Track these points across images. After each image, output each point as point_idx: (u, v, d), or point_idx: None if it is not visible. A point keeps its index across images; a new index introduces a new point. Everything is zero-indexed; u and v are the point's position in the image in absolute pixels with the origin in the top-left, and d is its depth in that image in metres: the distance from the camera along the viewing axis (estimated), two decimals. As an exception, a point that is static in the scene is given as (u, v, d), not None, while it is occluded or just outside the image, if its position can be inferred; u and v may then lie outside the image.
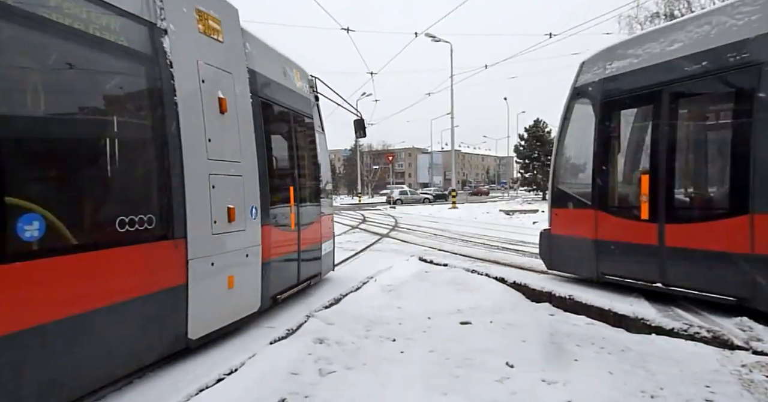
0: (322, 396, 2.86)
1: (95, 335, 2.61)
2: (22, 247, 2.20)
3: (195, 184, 3.40)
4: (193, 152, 3.41)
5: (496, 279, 6.03)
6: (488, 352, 3.62)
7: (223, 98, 3.78)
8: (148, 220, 3.00)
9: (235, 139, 3.97)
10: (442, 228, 14.03)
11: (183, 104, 3.35)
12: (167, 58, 3.26)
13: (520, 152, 33.05)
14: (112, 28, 2.86)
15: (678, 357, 3.42)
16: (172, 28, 3.32)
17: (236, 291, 3.89)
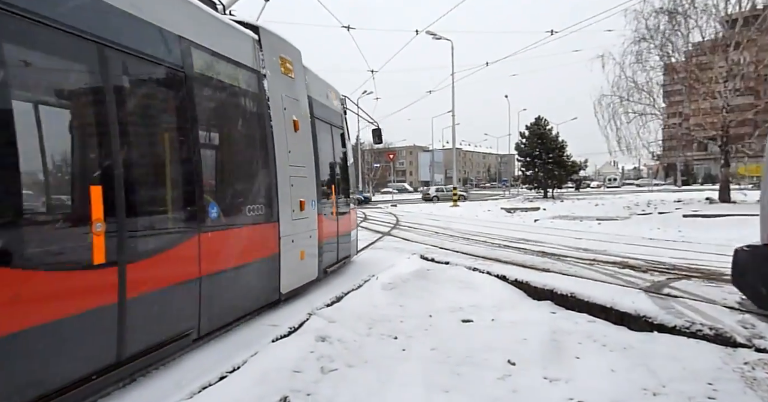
0: (324, 393, 2.87)
1: (243, 281, 4.16)
2: (212, 222, 3.74)
3: (283, 184, 4.79)
4: (282, 160, 4.79)
5: (498, 277, 6.02)
6: (490, 350, 3.62)
7: (296, 120, 5.19)
8: (262, 209, 4.50)
9: (303, 149, 5.37)
10: (444, 226, 14.02)
11: (276, 126, 4.73)
12: (266, 94, 4.68)
13: (521, 150, 32.90)
14: (240, 77, 4.36)
15: (680, 355, 3.42)
16: (268, 73, 4.74)
17: (305, 262, 5.34)
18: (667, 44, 16.81)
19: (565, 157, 31.42)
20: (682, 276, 5.82)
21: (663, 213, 14.51)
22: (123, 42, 2.89)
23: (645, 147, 18.73)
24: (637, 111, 17.89)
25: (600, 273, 6.11)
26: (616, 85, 17.84)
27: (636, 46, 17.11)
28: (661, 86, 18.37)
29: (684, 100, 18.64)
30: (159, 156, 3.42)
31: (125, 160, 2.86)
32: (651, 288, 5.11)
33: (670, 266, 6.53)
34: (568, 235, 10.95)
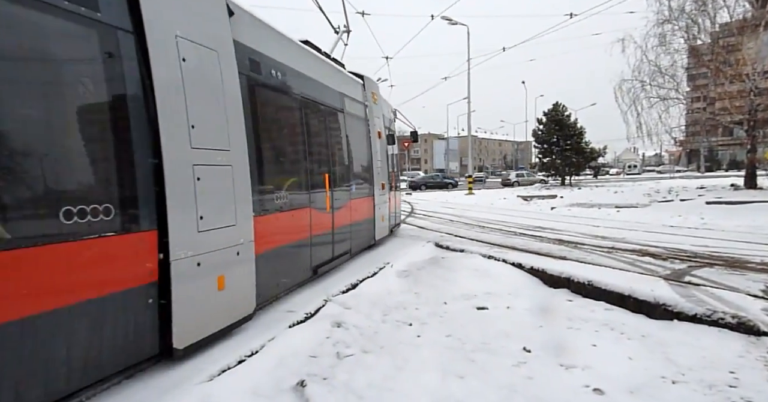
0: (340, 378, 2.91)
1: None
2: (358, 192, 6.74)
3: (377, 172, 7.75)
4: (375, 157, 7.74)
5: (513, 265, 5.97)
6: (505, 337, 3.61)
7: (380, 131, 7.95)
8: (367, 187, 7.48)
9: (383, 150, 8.37)
10: (459, 214, 13.95)
11: (374, 141, 7.66)
12: (368, 119, 7.66)
13: (538, 137, 32.24)
14: (359, 109, 7.21)
15: (701, 343, 3.36)
16: (368, 103, 7.68)
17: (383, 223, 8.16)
18: (693, 26, 16.19)
19: (583, 144, 30.75)
20: (704, 264, 5.68)
21: (685, 200, 14.14)
22: (324, 100, 5.76)
23: (667, 132, 18.20)
24: (660, 95, 17.35)
25: (618, 261, 6.02)
26: (638, 69, 17.30)
27: (659, 28, 16.52)
28: (685, 69, 17.76)
29: (709, 83, 17.99)
30: (344, 157, 6.51)
31: (333, 160, 5.96)
32: (671, 276, 5.01)
33: (692, 254, 6.39)
34: (586, 222, 10.78)
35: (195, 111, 3.12)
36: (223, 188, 3.38)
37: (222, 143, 3.39)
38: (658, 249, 6.82)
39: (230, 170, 3.45)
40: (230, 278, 3.45)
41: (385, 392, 2.74)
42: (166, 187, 2.84)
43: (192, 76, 3.13)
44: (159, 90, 2.85)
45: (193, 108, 3.10)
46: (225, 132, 3.44)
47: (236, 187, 3.50)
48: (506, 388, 2.77)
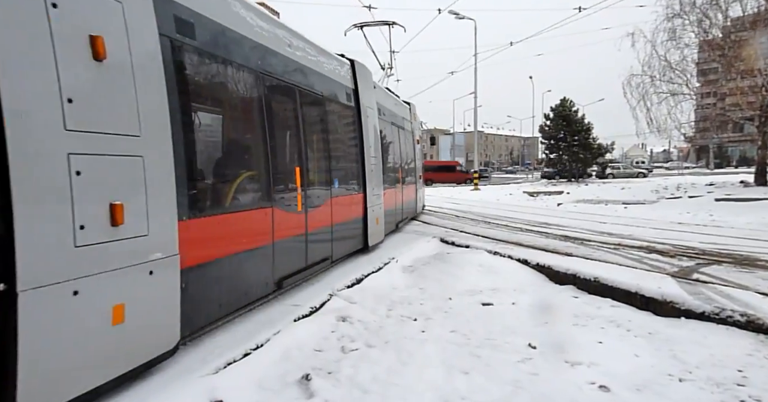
0: (345, 372, 2.92)
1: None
2: None
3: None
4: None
5: (519, 261, 5.96)
6: (510, 333, 3.60)
7: (418, 139, 10.76)
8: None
9: (412, 150, 11.07)
10: (464, 210, 13.91)
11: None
12: (413, 134, 11.46)
13: (545, 132, 32.04)
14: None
15: (709, 341, 3.33)
16: (410, 120, 11.05)
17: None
18: (704, 20, 15.92)
19: (591, 140, 30.52)
20: (713, 261, 5.63)
21: (694, 197, 14.00)
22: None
23: (677, 128, 17.99)
24: (670, 91, 17.12)
25: (625, 258, 5.97)
26: (647, 64, 17.07)
27: (669, 22, 16.27)
28: (696, 64, 17.51)
29: (720, 78, 17.72)
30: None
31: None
32: (679, 273, 4.97)
33: (700, 251, 6.33)
34: (593, 219, 10.71)
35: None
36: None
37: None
38: (666, 246, 6.76)
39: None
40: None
41: (389, 387, 2.74)
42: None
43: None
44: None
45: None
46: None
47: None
48: (511, 384, 2.76)
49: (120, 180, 2.50)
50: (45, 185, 2.14)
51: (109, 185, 2.43)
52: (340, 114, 6.25)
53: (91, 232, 2.31)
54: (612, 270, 5.06)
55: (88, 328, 2.34)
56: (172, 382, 2.71)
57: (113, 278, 2.43)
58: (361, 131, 6.69)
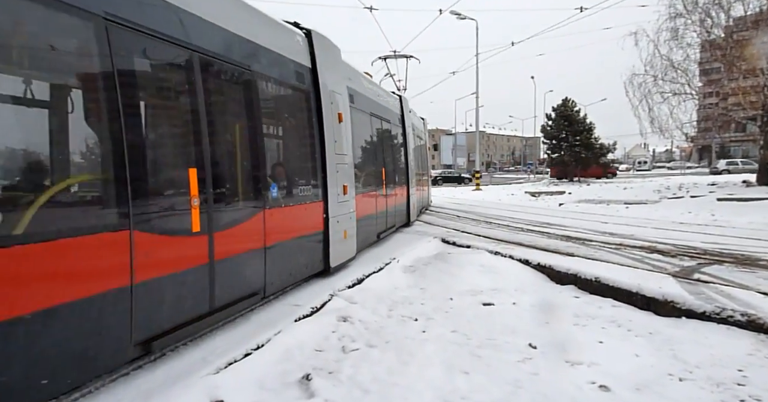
0: (345, 372, 2.92)
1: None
2: None
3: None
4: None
5: (520, 261, 5.95)
6: (511, 333, 3.61)
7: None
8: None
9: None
10: (466, 210, 13.90)
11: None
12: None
13: (547, 132, 32.01)
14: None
15: (709, 341, 3.33)
16: (421, 134, 13.43)
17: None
18: (707, 19, 15.88)
19: (593, 140, 30.47)
20: (714, 261, 5.62)
21: (696, 196, 13.96)
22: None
23: (679, 128, 17.93)
24: (672, 90, 17.08)
25: (626, 258, 5.97)
26: (650, 64, 17.03)
27: (671, 22, 16.23)
28: (699, 64, 17.46)
29: (723, 78, 17.67)
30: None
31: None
32: (680, 273, 4.96)
33: (701, 251, 6.32)
34: (594, 219, 10.70)
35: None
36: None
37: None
38: (667, 246, 6.75)
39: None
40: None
41: (390, 387, 2.75)
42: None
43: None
44: None
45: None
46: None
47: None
48: (511, 383, 2.77)
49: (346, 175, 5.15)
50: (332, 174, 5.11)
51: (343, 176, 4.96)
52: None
53: (340, 196, 4.85)
54: (613, 270, 5.06)
55: (339, 238, 5.56)
56: (174, 381, 2.72)
57: (345, 217, 5.08)
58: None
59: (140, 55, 2.97)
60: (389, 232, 8.50)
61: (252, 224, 3.92)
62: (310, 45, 5.21)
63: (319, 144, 5.18)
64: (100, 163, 2.68)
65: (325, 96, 5.29)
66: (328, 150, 5.27)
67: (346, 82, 6.19)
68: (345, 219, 5.74)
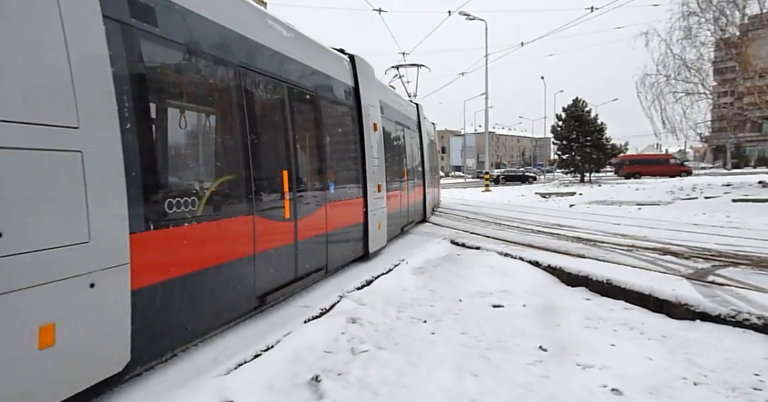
0: (354, 374, 2.92)
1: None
2: None
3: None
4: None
5: (530, 262, 5.91)
6: (521, 336, 3.58)
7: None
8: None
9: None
10: (475, 211, 13.84)
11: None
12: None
13: (557, 133, 31.74)
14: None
15: (725, 344, 3.27)
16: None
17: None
18: (721, 18, 15.64)
19: (604, 140, 30.15)
20: (729, 263, 5.52)
21: (710, 197, 13.73)
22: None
23: (692, 128, 17.68)
24: (685, 90, 16.84)
25: (639, 259, 5.89)
26: (662, 64, 16.82)
27: (684, 21, 16.02)
28: (713, 63, 17.20)
29: (737, 77, 17.38)
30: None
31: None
32: (694, 275, 4.88)
33: (716, 253, 6.21)
34: (606, 220, 10.57)
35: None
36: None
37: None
38: (681, 248, 6.65)
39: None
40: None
41: (399, 389, 2.74)
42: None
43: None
44: None
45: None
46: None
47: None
48: (521, 386, 2.75)
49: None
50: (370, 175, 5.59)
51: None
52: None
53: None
54: (625, 272, 4.99)
55: (374, 228, 6.61)
56: (185, 382, 2.75)
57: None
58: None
59: (256, 88, 4.05)
60: (410, 226, 9.71)
61: (319, 215, 5.04)
62: (353, 67, 6.32)
63: (360, 150, 6.31)
64: (237, 170, 3.73)
65: (365, 109, 6.37)
66: (367, 154, 6.37)
67: (378, 95, 7.21)
68: (379, 213, 6.88)
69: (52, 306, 2.15)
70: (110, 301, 2.46)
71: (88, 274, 2.31)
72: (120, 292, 2.51)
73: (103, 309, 2.42)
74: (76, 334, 2.27)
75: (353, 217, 6.11)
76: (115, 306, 2.49)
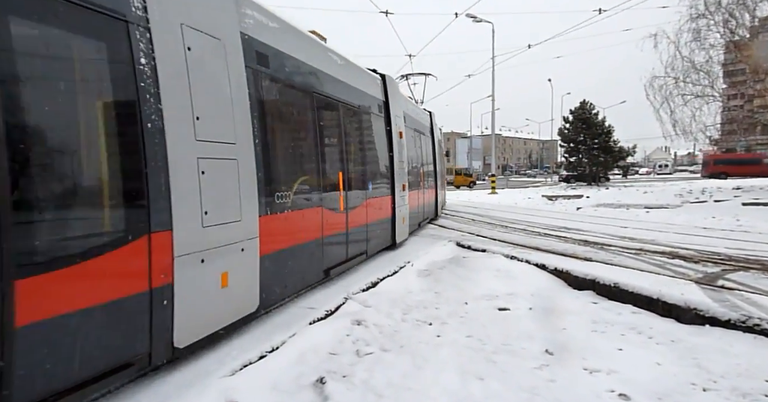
0: (359, 376, 2.92)
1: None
2: None
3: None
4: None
5: (537, 265, 5.87)
6: (527, 339, 3.55)
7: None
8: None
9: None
10: (481, 214, 13.78)
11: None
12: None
13: (564, 135, 31.54)
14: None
15: (735, 350, 3.22)
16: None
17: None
18: (731, 20, 15.52)
19: (611, 143, 29.94)
20: (739, 267, 5.45)
21: (719, 201, 13.60)
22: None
23: (702, 131, 17.54)
24: (694, 92, 16.72)
25: (647, 263, 5.83)
26: (671, 66, 16.75)
27: (693, 23, 15.94)
28: (722, 66, 17.05)
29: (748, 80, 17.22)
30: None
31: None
32: (703, 279, 4.83)
33: (726, 257, 6.13)
34: (613, 223, 10.48)
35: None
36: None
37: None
38: (690, 251, 6.57)
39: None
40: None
41: (404, 391, 2.73)
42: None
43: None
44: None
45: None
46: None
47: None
48: (527, 390, 2.72)
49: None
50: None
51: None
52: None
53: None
54: (633, 275, 4.95)
55: (400, 222, 7.70)
56: (191, 383, 2.75)
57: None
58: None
59: (322, 108, 5.12)
60: (426, 222, 10.89)
61: (362, 209, 6.15)
62: (383, 84, 7.51)
63: (389, 154, 7.51)
64: (312, 173, 4.77)
65: (393, 119, 7.59)
66: (395, 158, 7.59)
67: (402, 107, 8.39)
68: (403, 209, 8.00)
69: (226, 260, 3.21)
70: (250, 262, 3.53)
71: (241, 242, 3.37)
72: (255, 256, 3.58)
73: (248, 267, 3.52)
74: (237, 281, 3.34)
75: (384, 211, 7.20)
76: (253, 266, 3.57)
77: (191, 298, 2.89)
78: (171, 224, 2.71)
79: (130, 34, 2.54)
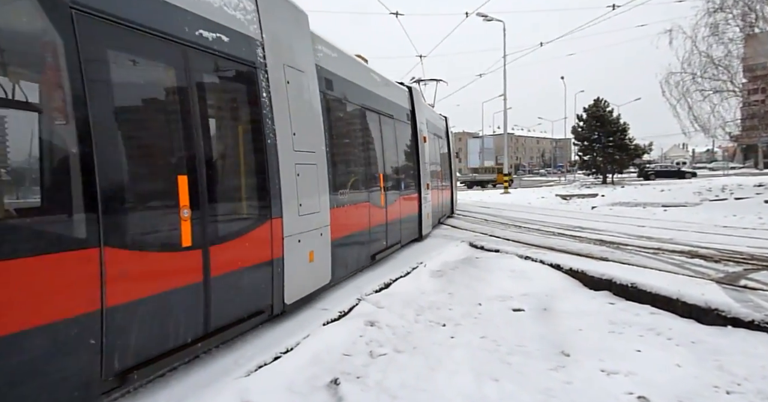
0: (373, 377, 2.91)
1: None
2: None
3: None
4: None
5: (551, 266, 5.80)
6: (542, 340, 3.51)
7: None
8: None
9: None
10: (494, 214, 13.67)
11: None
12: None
13: (578, 134, 31.14)
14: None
15: (759, 351, 3.14)
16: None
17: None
18: (749, 13, 15.14)
19: (627, 140, 29.44)
20: (762, 267, 5.30)
21: (740, 198, 13.26)
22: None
23: (722, 127, 17.13)
24: (713, 88, 16.34)
25: (665, 263, 5.71)
26: (687, 62, 16.39)
27: (711, 17, 15.58)
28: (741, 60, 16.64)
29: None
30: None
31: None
32: (724, 279, 4.71)
33: (748, 256, 5.97)
34: (630, 222, 10.30)
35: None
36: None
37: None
38: (710, 250, 6.42)
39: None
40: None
41: (418, 393, 2.72)
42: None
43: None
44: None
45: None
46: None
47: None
48: (543, 392, 2.69)
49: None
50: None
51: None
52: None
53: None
54: (651, 275, 4.85)
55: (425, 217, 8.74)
56: (207, 384, 2.78)
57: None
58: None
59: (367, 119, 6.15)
60: (444, 219, 11.83)
61: (397, 205, 7.14)
62: (410, 95, 8.59)
63: (415, 157, 8.50)
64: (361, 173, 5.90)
65: (418, 126, 8.62)
66: (421, 160, 8.61)
67: (425, 114, 9.34)
68: (427, 206, 8.96)
69: (312, 241, 4.20)
70: (326, 244, 4.53)
71: (320, 228, 4.37)
72: (328, 240, 4.55)
73: (325, 248, 4.52)
74: (318, 258, 4.35)
75: (413, 207, 8.23)
76: (327, 247, 4.56)
77: (293, 268, 3.88)
78: (281, 213, 3.72)
79: (258, 76, 3.60)
